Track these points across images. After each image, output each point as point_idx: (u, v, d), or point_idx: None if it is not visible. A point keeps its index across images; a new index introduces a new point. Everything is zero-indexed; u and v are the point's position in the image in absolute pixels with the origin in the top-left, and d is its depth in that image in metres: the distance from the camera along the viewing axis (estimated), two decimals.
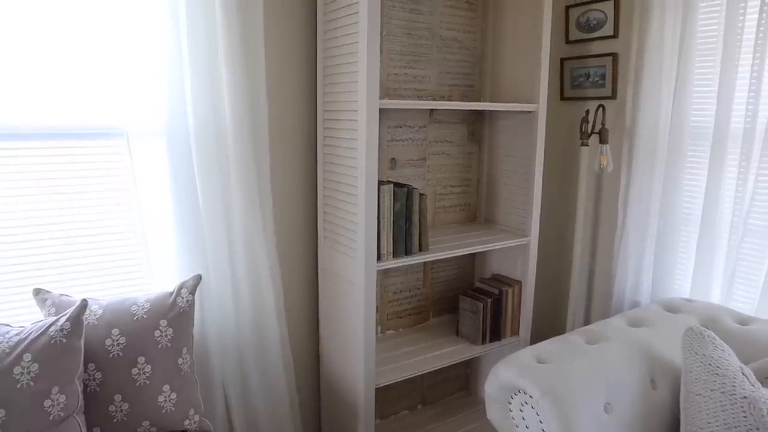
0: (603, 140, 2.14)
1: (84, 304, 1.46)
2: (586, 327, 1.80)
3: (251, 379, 1.93)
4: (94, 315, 1.59)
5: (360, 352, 1.88)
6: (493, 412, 1.62)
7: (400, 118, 2.19)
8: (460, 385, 2.62)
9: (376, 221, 1.80)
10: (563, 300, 2.65)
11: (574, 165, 2.52)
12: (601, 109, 2.17)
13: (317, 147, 2.04)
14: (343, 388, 2.04)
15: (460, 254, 2.02)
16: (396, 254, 1.89)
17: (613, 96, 2.34)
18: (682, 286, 2.15)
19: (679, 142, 2.06)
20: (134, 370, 1.55)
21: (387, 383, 1.94)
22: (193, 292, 1.68)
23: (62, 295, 1.64)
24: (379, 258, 1.84)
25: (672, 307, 1.94)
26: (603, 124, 2.15)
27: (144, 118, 1.71)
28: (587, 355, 1.59)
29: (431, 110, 2.27)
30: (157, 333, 1.59)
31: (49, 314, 1.58)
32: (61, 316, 1.44)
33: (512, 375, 1.52)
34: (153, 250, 1.78)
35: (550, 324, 2.71)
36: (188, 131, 1.75)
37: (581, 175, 2.32)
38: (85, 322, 1.56)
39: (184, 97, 1.73)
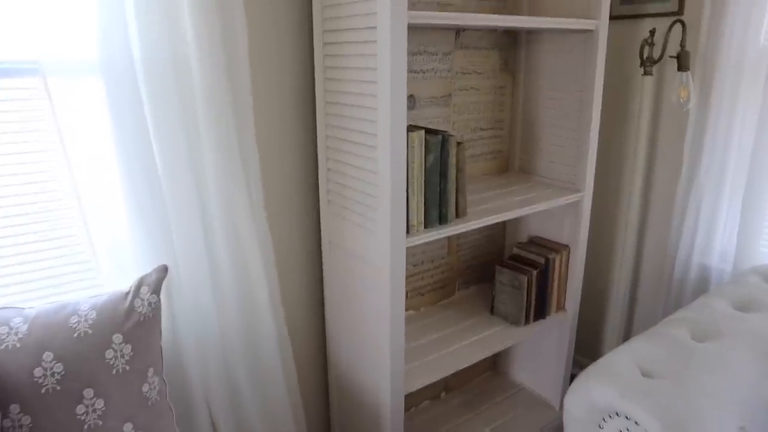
0: (682, 66, 1.67)
1: None
2: (682, 314, 1.38)
3: (243, 392, 1.48)
4: (16, 334, 1.11)
5: (384, 354, 1.44)
6: None
7: (420, 41, 1.68)
8: (487, 364, 2.23)
9: (405, 182, 1.32)
10: (605, 261, 2.24)
11: (627, 101, 2.05)
12: (678, 25, 1.69)
13: (315, 80, 1.52)
14: (359, 396, 1.61)
15: (506, 219, 1.57)
16: (428, 224, 1.42)
17: (679, 11, 1.85)
18: None
19: None
20: (80, 408, 1.11)
21: (417, 388, 1.52)
22: (157, 291, 1.22)
23: None
24: (407, 231, 1.38)
25: None
26: (683, 46, 1.67)
27: (66, 48, 1.16)
28: (707, 362, 1.18)
29: (457, 32, 1.76)
30: (109, 353, 1.14)
31: None
32: None
33: (613, 396, 1.10)
34: (96, 233, 1.27)
35: (588, 291, 2.31)
36: (133, 66, 1.22)
37: (641, 113, 1.86)
38: (1, 347, 1.08)
39: (124, 17, 1.18)
